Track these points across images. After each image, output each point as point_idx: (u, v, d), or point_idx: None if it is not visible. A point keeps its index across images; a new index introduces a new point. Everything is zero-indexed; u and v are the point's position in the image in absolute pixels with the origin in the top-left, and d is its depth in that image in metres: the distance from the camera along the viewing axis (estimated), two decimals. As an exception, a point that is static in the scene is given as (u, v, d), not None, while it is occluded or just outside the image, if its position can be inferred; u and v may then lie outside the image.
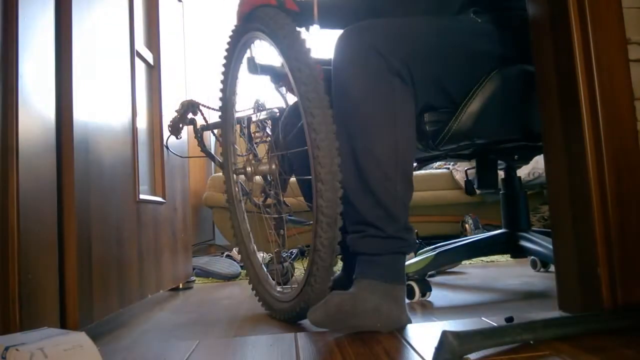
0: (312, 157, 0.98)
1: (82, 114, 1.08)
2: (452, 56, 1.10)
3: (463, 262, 2.09)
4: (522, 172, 2.68)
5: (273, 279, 1.56)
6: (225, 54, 1.38)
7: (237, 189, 1.45)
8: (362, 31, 1.02)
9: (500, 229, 1.57)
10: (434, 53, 1.07)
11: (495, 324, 0.93)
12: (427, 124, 1.15)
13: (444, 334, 0.71)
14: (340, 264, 1.36)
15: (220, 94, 1.45)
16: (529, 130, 1.24)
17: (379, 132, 0.99)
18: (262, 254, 2.16)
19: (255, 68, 1.23)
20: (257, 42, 1.23)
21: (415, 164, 1.57)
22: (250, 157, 1.30)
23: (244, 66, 1.34)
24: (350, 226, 1.04)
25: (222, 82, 1.43)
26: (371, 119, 0.99)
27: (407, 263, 1.43)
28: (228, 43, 1.36)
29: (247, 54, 1.29)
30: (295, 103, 1.23)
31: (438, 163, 3.08)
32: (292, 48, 1.02)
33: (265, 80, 1.28)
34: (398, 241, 1.00)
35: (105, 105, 1.22)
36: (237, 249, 1.68)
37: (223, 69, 1.41)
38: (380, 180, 0.98)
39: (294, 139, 1.20)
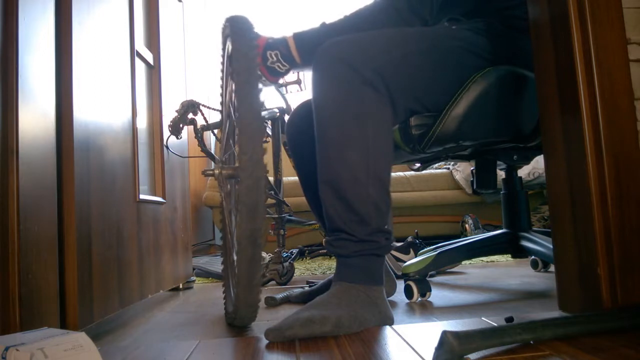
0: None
1: (83, 114, 1.08)
2: (426, 62, 1.11)
3: (463, 262, 2.09)
4: (522, 172, 2.68)
5: (272, 279, 1.56)
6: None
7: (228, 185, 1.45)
8: (331, 48, 1.05)
9: (501, 229, 1.57)
10: (407, 60, 1.09)
11: (495, 324, 0.93)
12: (413, 128, 1.18)
13: (444, 334, 0.71)
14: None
15: (220, 90, 1.44)
16: (517, 131, 1.24)
17: (350, 141, 1.01)
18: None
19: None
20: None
21: (418, 165, 1.57)
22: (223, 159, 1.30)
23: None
24: (328, 232, 1.08)
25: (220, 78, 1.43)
26: (342, 129, 1.01)
27: (407, 263, 1.44)
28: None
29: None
30: (302, 106, 1.22)
31: (438, 163, 3.09)
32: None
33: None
34: (370, 244, 1.02)
35: (105, 105, 1.22)
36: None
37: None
38: (350, 183, 1.00)
39: (303, 145, 1.20)
